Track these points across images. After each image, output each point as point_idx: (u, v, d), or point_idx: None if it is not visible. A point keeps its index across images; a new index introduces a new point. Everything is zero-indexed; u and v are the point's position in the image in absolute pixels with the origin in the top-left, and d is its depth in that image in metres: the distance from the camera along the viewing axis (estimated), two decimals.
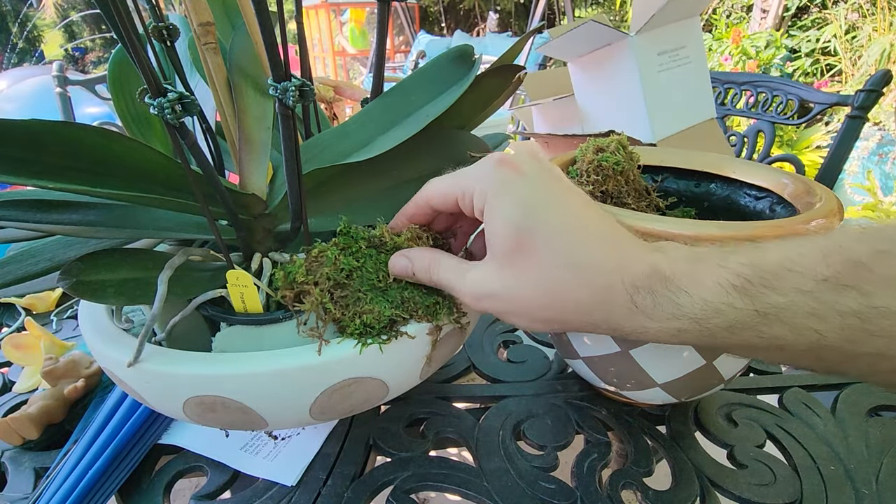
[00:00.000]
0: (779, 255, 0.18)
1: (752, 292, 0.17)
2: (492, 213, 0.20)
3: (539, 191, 0.20)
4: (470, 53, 0.28)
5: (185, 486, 0.32)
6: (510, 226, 0.20)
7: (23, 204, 0.22)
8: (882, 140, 1.85)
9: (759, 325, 0.18)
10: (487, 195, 0.21)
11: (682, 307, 0.18)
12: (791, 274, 0.17)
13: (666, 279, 0.19)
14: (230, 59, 0.27)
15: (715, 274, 0.18)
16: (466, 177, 0.22)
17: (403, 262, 0.24)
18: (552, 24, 3.60)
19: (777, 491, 0.28)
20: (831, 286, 0.17)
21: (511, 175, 0.20)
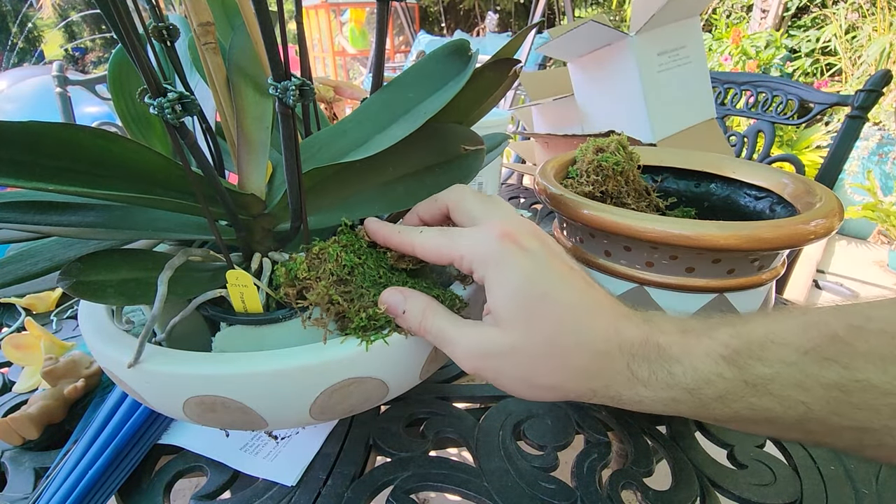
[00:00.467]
0: (763, 328, 0.19)
1: (739, 363, 0.18)
2: (496, 282, 0.21)
3: (543, 266, 0.21)
4: (466, 48, 0.28)
5: (185, 486, 0.32)
6: (513, 294, 0.21)
7: (22, 205, 0.22)
8: (882, 140, 1.85)
9: (749, 396, 0.18)
10: (489, 266, 0.21)
11: (675, 376, 0.19)
12: (775, 346, 0.18)
13: (659, 347, 0.20)
14: (230, 59, 0.27)
15: (704, 344, 0.19)
16: (466, 244, 0.22)
17: (397, 298, 0.23)
18: (552, 24, 3.60)
19: (777, 491, 0.28)
20: (813, 359, 0.17)
21: (514, 250, 0.21)
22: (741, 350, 0.19)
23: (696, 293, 0.27)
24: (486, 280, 0.22)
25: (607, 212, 0.26)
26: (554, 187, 0.30)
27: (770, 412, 0.18)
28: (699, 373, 0.19)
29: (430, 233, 0.23)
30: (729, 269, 0.26)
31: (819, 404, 0.17)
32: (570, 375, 0.21)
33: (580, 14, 3.88)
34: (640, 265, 0.28)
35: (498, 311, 0.21)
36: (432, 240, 0.23)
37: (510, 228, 0.22)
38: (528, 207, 0.75)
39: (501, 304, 0.21)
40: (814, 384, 0.17)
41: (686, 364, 0.19)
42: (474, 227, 0.23)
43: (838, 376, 0.17)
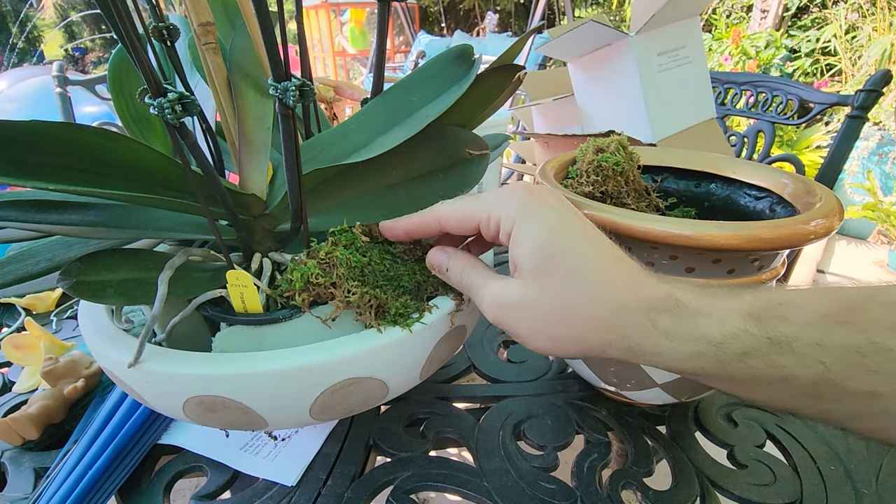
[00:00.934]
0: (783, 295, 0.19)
1: (764, 320, 0.19)
2: (520, 236, 0.22)
3: (563, 219, 0.22)
4: (470, 53, 0.28)
5: (185, 486, 0.32)
6: (537, 246, 0.21)
7: (23, 204, 0.22)
8: (882, 140, 1.85)
9: (771, 353, 0.19)
10: (515, 221, 0.22)
11: (701, 327, 0.19)
12: (796, 309, 0.19)
13: (680, 302, 0.20)
14: (230, 59, 0.27)
15: (729, 302, 0.20)
16: (492, 202, 0.23)
17: (441, 258, 0.25)
18: (552, 24, 3.60)
19: (777, 491, 0.28)
20: (832, 322, 0.18)
21: (539, 205, 0.22)
22: (765, 309, 0.19)
23: None
24: (513, 235, 0.22)
25: (607, 212, 0.26)
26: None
27: (788, 370, 0.19)
28: (726, 327, 0.19)
29: (453, 200, 0.24)
30: (729, 269, 0.26)
31: (837, 364, 0.18)
32: (586, 326, 0.21)
33: (580, 14, 3.88)
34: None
35: (521, 264, 0.22)
36: (456, 204, 0.24)
37: (533, 188, 0.23)
38: None
39: (525, 256, 0.21)
40: (832, 344, 0.18)
41: (714, 318, 0.19)
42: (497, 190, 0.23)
43: (856, 338, 0.18)
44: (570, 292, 0.21)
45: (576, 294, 0.21)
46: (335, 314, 0.24)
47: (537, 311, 0.21)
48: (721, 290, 0.21)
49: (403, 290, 0.26)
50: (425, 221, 0.24)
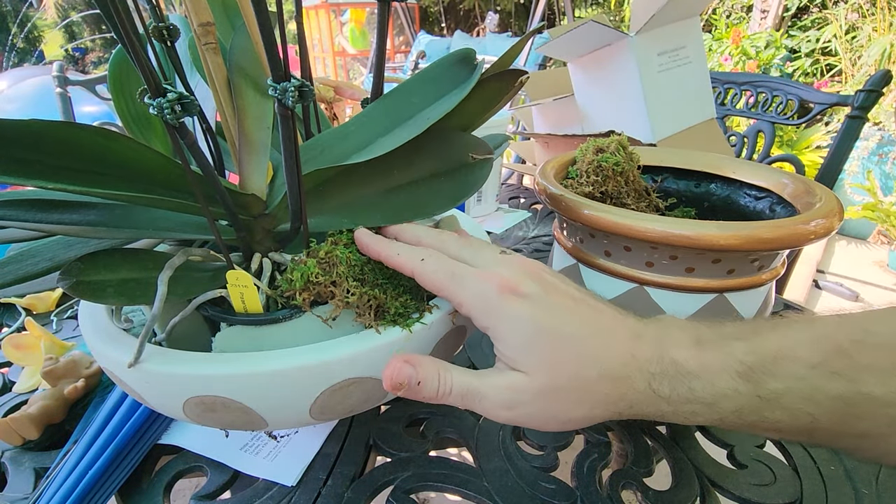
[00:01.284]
0: (774, 343, 0.20)
1: (754, 378, 0.19)
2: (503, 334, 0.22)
3: (545, 307, 0.22)
4: (472, 57, 0.28)
5: (185, 486, 0.32)
6: (529, 342, 0.21)
7: (23, 204, 0.22)
8: (882, 140, 1.85)
9: (762, 409, 0.19)
10: (491, 319, 0.22)
11: (695, 391, 0.20)
12: (787, 361, 0.19)
13: (676, 363, 0.20)
14: (230, 60, 0.27)
15: (720, 360, 0.20)
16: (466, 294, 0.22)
17: (408, 371, 0.22)
18: (552, 25, 3.59)
19: (777, 491, 0.28)
20: (821, 373, 0.19)
21: (513, 300, 0.22)
22: (755, 366, 0.19)
23: (696, 293, 0.27)
24: (491, 332, 0.22)
25: (607, 212, 0.26)
26: (554, 187, 0.30)
27: (779, 423, 0.20)
28: (717, 388, 0.20)
29: (432, 264, 0.23)
30: (729, 269, 0.26)
31: (825, 415, 0.19)
32: (596, 404, 0.21)
33: (580, 14, 3.88)
34: (639, 265, 0.28)
35: (515, 358, 0.22)
36: (434, 275, 0.23)
37: (507, 278, 0.22)
38: (528, 207, 0.75)
39: (515, 353, 0.21)
40: (822, 397, 0.19)
41: (704, 380, 0.20)
42: (474, 273, 0.23)
43: (844, 389, 0.18)
44: (575, 375, 0.21)
45: (581, 376, 0.21)
46: (335, 313, 0.24)
47: (547, 402, 0.21)
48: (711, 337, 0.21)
49: (403, 288, 0.26)
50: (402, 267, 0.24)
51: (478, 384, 0.22)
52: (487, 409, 0.22)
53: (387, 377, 0.22)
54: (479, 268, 0.23)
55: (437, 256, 0.24)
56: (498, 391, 0.22)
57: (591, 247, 0.30)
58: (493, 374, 0.22)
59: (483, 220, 0.69)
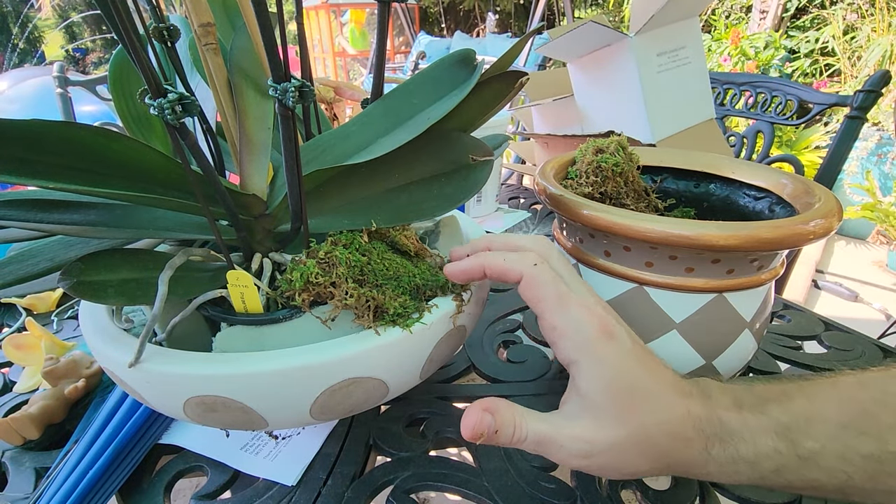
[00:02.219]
0: (805, 406, 0.21)
1: (791, 439, 0.20)
2: (593, 374, 0.22)
3: (630, 356, 0.22)
4: (472, 58, 0.28)
5: (185, 485, 0.32)
6: (612, 388, 0.22)
7: (24, 204, 0.22)
8: (881, 140, 1.86)
9: (801, 468, 0.20)
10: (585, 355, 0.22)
11: (740, 452, 0.21)
12: (819, 422, 0.20)
13: (722, 424, 0.21)
14: (230, 60, 0.27)
15: (760, 421, 0.21)
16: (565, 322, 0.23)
17: (487, 420, 0.22)
18: (552, 25, 3.60)
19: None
20: (852, 433, 0.20)
21: (609, 343, 0.22)
22: (792, 426, 0.20)
23: (696, 293, 0.27)
24: (579, 367, 0.22)
25: (607, 212, 0.26)
26: (554, 188, 0.30)
27: (817, 482, 0.20)
28: (759, 448, 0.21)
29: (545, 274, 0.23)
30: (728, 269, 0.26)
31: (858, 474, 0.20)
32: (658, 457, 0.22)
33: (580, 15, 3.88)
34: (639, 265, 0.28)
35: (593, 399, 0.22)
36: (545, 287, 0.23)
37: (605, 318, 0.23)
38: (527, 207, 0.75)
39: (597, 393, 0.22)
40: (854, 456, 0.20)
41: (749, 441, 0.21)
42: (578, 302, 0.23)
43: (874, 448, 0.19)
44: (645, 431, 0.21)
45: (650, 432, 0.21)
46: (334, 313, 0.24)
47: (617, 453, 0.22)
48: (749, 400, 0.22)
49: (402, 290, 0.26)
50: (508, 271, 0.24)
51: (554, 435, 0.22)
52: (562, 459, 0.22)
53: (467, 427, 0.22)
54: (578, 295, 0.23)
55: (548, 267, 0.24)
56: (574, 442, 0.22)
57: (591, 247, 0.30)
58: (567, 423, 0.22)
59: (483, 220, 0.69)
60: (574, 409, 0.23)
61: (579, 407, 0.22)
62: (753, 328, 0.29)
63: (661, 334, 0.28)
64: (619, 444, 0.22)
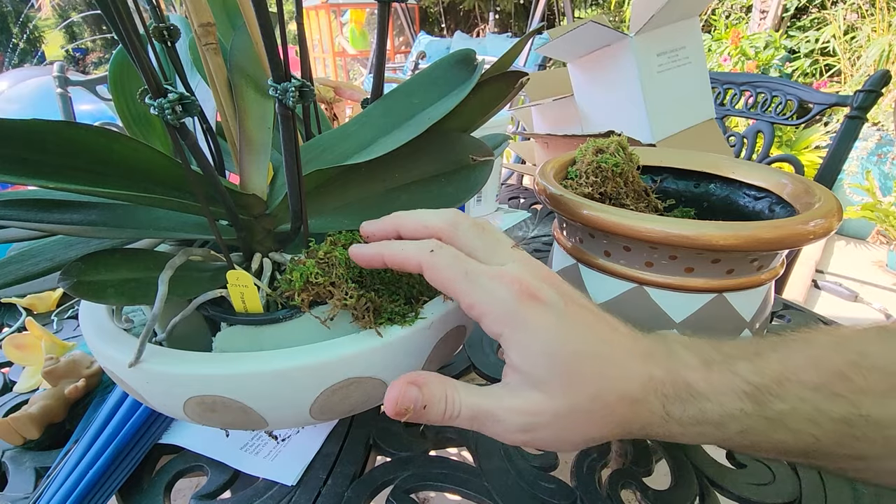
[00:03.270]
0: (777, 364, 0.20)
1: (760, 399, 0.20)
2: (522, 344, 0.20)
3: (567, 319, 0.21)
4: (472, 58, 0.28)
5: (185, 485, 0.32)
6: (550, 357, 0.20)
7: (24, 203, 0.22)
8: (881, 140, 1.86)
9: (767, 430, 0.20)
10: (507, 326, 0.20)
11: (705, 413, 0.20)
12: (790, 383, 0.19)
13: (688, 385, 0.20)
14: (231, 60, 0.27)
15: (728, 380, 0.20)
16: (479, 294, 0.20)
17: (412, 394, 0.20)
18: (552, 25, 3.60)
19: (776, 490, 0.28)
20: (824, 395, 0.19)
21: (535, 307, 0.20)
22: (761, 387, 0.20)
23: (696, 293, 0.27)
24: (506, 339, 0.21)
25: (607, 212, 0.26)
26: (554, 188, 0.30)
27: (783, 444, 0.20)
28: (725, 408, 0.20)
29: (444, 257, 0.21)
30: (728, 269, 0.26)
31: (827, 437, 0.19)
32: (613, 425, 0.21)
33: (580, 15, 3.88)
34: (639, 265, 0.28)
35: (531, 372, 0.20)
36: (447, 269, 0.21)
37: (527, 282, 0.21)
38: (527, 207, 0.75)
39: (533, 365, 0.20)
40: (824, 419, 0.19)
41: (714, 401, 0.20)
42: (490, 273, 0.21)
43: (845, 411, 0.19)
44: (596, 397, 0.20)
45: (601, 398, 0.20)
46: (333, 313, 0.24)
47: (565, 423, 0.20)
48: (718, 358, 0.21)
49: (398, 295, 0.26)
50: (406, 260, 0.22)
51: (489, 406, 0.20)
52: (500, 434, 0.21)
53: (390, 401, 0.20)
54: (493, 264, 0.21)
55: (447, 249, 0.22)
56: (513, 414, 0.20)
57: (591, 247, 0.30)
58: (507, 394, 0.21)
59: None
60: (514, 382, 0.21)
61: (518, 379, 0.21)
62: (753, 328, 0.29)
63: None
64: (567, 416, 0.20)
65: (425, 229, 0.23)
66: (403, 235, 0.24)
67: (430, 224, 0.23)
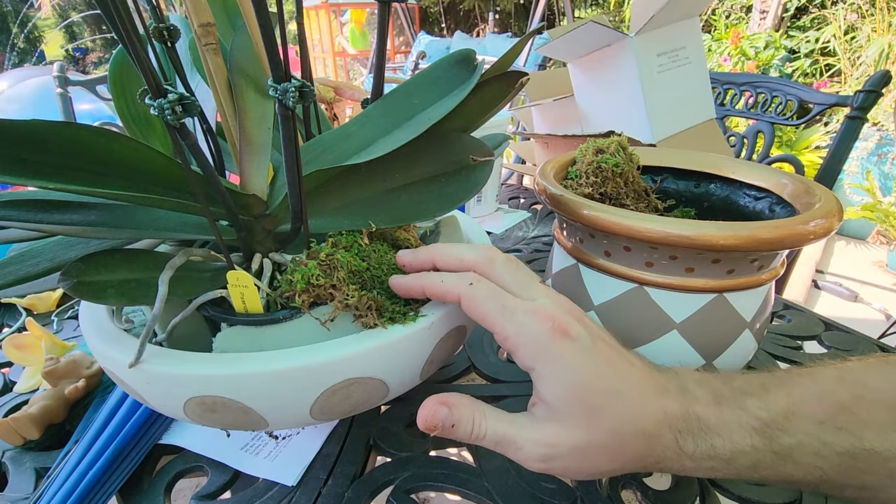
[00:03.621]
0: (784, 400, 0.21)
1: (768, 434, 0.20)
2: (552, 377, 0.21)
3: (594, 356, 0.21)
4: (472, 58, 0.28)
5: (185, 486, 0.32)
6: (575, 391, 0.21)
7: (24, 204, 0.22)
8: (881, 140, 1.86)
9: (776, 464, 0.20)
10: (539, 360, 0.21)
11: (716, 448, 0.21)
12: (797, 418, 0.20)
13: (699, 420, 0.21)
14: (230, 60, 0.27)
15: (737, 416, 0.21)
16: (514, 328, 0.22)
17: (443, 413, 0.22)
18: (552, 25, 3.60)
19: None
20: (828, 429, 0.20)
21: (566, 343, 0.21)
22: (769, 422, 0.20)
23: (696, 293, 0.27)
24: (537, 372, 0.22)
25: (607, 212, 0.26)
26: (554, 188, 0.30)
27: (791, 476, 0.20)
28: (735, 444, 0.20)
29: (483, 291, 0.22)
30: (728, 269, 0.26)
31: (833, 469, 0.20)
32: (628, 459, 0.21)
33: (580, 15, 3.88)
34: (639, 265, 0.28)
35: (556, 405, 0.21)
36: (485, 304, 0.22)
37: (559, 318, 0.22)
38: (527, 208, 0.75)
39: (559, 398, 0.21)
40: (830, 452, 0.20)
41: (724, 437, 0.21)
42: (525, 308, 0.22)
43: (849, 444, 0.19)
44: (613, 432, 0.21)
45: (618, 433, 0.21)
46: (333, 314, 0.24)
47: (583, 455, 0.21)
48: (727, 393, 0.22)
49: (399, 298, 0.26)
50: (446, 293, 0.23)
51: (513, 434, 0.22)
52: (521, 460, 0.22)
53: (422, 418, 0.22)
54: (525, 299, 0.23)
55: (486, 283, 0.23)
56: (534, 445, 0.21)
57: (591, 247, 0.30)
58: (530, 424, 0.22)
59: (483, 220, 0.69)
60: (539, 413, 0.22)
61: (544, 411, 0.22)
62: (753, 328, 0.29)
63: (662, 334, 0.28)
64: (585, 449, 0.21)
65: (461, 263, 0.24)
66: (440, 267, 0.25)
67: (467, 259, 0.24)
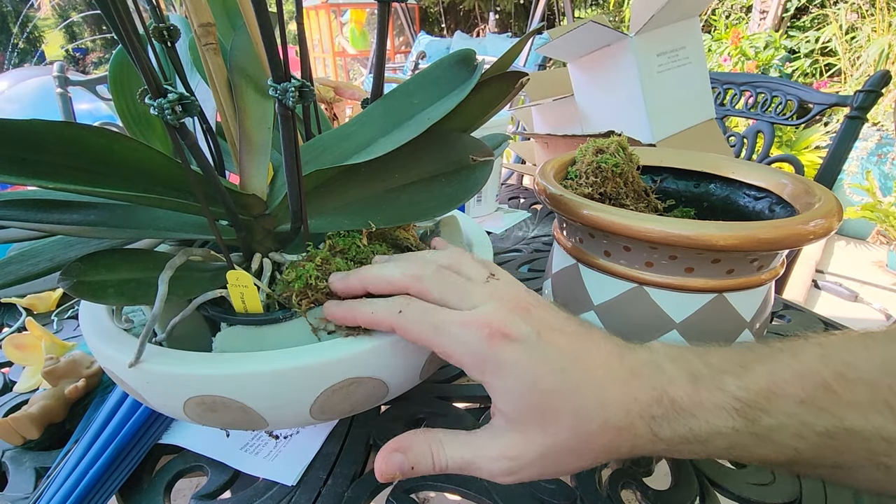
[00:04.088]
0: (764, 379, 0.20)
1: (748, 415, 0.19)
2: (499, 388, 0.21)
3: (541, 353, 0.20)
4: (472, 58, 0.28)
5: (185, 485, 0.32)
6: (526, 397, 0.20)
7: (24, 203, 0.22)
8: (881, 140, 1.86)
9: (753, 446, 0.20)
10: (485, 373, 0.21)
11: (693, 430, 0.20)
12: (777, 397, 0.19)
13: (674, 403, 0.20)
14: (230, 60, 0.27)
15: (715, 397, 0.20)
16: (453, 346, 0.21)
17: (398, 460, 0.21)
18: (552, 25, 3.60)
19: (776, 490, 0.28)
20: (809, 409, 0.19)
21: (506, 347, 0.20)
22: (749, 402, 0.19)
23: (696, 293, 0.27)
24: (486, 384, 0.21)
25: (607, 212, 0.26)
26: (554, 188, 0.30)
27: (766, 457, 0.20)
28: (713, 426, 0.20)
29: (412, 314, 0.22)
30: (728, 269, 0.26)
31: (809, 449, 0.19)
32: (599, 453, 0.21)
33: (580, 15, 3.88)
34: (639, 265, 0.28)
35: (511, 415, 0.21)
36: (416, 327, 0.21)
37: (496, 322, 0.20)
38: (527, 207, 0.75)
39: (512, 407, 0.20)
40: (809, 433, 0.19)
41: (701, 419, 0.20)
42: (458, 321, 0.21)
43: (830, 424, 0.19)
44: (575, 430, 0.20)
45: (581, 431, 0.20)
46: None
47: (549, 459, 0.20)
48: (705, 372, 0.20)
49: None
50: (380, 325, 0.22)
51: (472, 457, 0.21)
52: (489, 478, 0.21)
53: (378, 471, 0.21)
54: (464, 309, 0.22)
55: (415, 305, 0.22)
56: (495, 462, 0.20)
57: (591, 247, 0.30)
58: (487, 441, 0.21)
59: (483, 220, 0.69)
60: (498, 424, 0.21)
61: (502, 422, 0.21)
62: (753, 328, 0.29)
63: (661, 334, 0.28)
64: (550, 455, 0.20)
65: (391, 286, 0.23)
66: (372, 293, 0.24)
67: (394, 281, 0.23)
